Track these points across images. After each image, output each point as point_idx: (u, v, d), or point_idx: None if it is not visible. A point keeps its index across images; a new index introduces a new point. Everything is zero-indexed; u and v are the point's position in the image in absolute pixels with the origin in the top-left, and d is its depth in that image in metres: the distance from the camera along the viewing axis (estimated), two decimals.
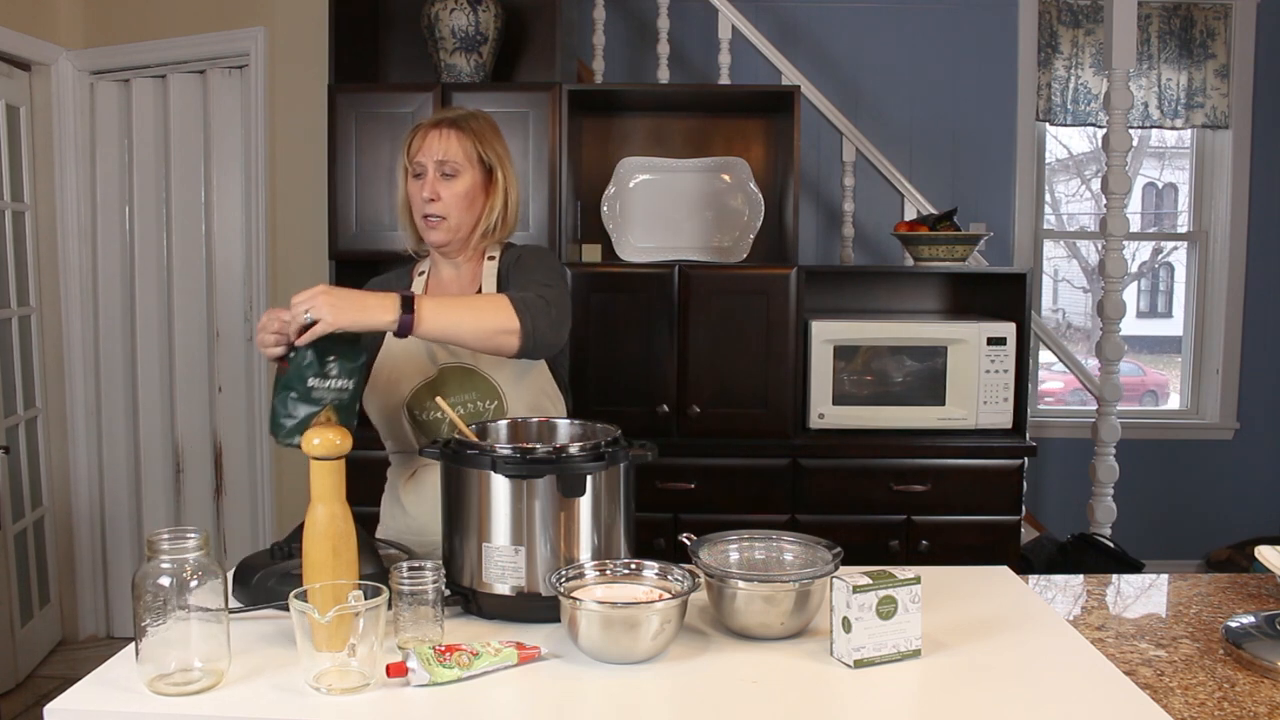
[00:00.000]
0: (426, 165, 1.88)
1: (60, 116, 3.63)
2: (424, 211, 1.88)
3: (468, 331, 1.67)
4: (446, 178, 1.88)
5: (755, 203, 3.44)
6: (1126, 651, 1.46)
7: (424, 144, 1.88)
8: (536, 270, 1.88)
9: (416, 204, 1.90)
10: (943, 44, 4.26)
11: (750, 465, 3.07)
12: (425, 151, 1.88)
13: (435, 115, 1.94)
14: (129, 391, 3.80)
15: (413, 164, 1.89)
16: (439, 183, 1.87)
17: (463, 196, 1.88)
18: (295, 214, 3.43)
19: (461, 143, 1.88)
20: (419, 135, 1.90)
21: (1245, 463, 4.48)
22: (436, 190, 1.87)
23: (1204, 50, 4.34)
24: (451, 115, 1.92)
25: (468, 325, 1.66)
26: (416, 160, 1.89)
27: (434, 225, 1.88)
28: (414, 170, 1.90)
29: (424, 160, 1.88)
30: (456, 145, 1.88)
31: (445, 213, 1.87)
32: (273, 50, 3.40)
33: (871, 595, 1.34)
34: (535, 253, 1.96)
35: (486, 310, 1.68)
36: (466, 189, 1.89)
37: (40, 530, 3.65)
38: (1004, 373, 3.10)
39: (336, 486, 1.39)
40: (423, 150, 1.88)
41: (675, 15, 3.58)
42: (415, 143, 1.90)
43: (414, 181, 1.90)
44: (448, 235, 1.89)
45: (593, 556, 1.51)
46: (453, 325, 1.65)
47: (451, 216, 1.88)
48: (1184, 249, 4.69)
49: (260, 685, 1.28)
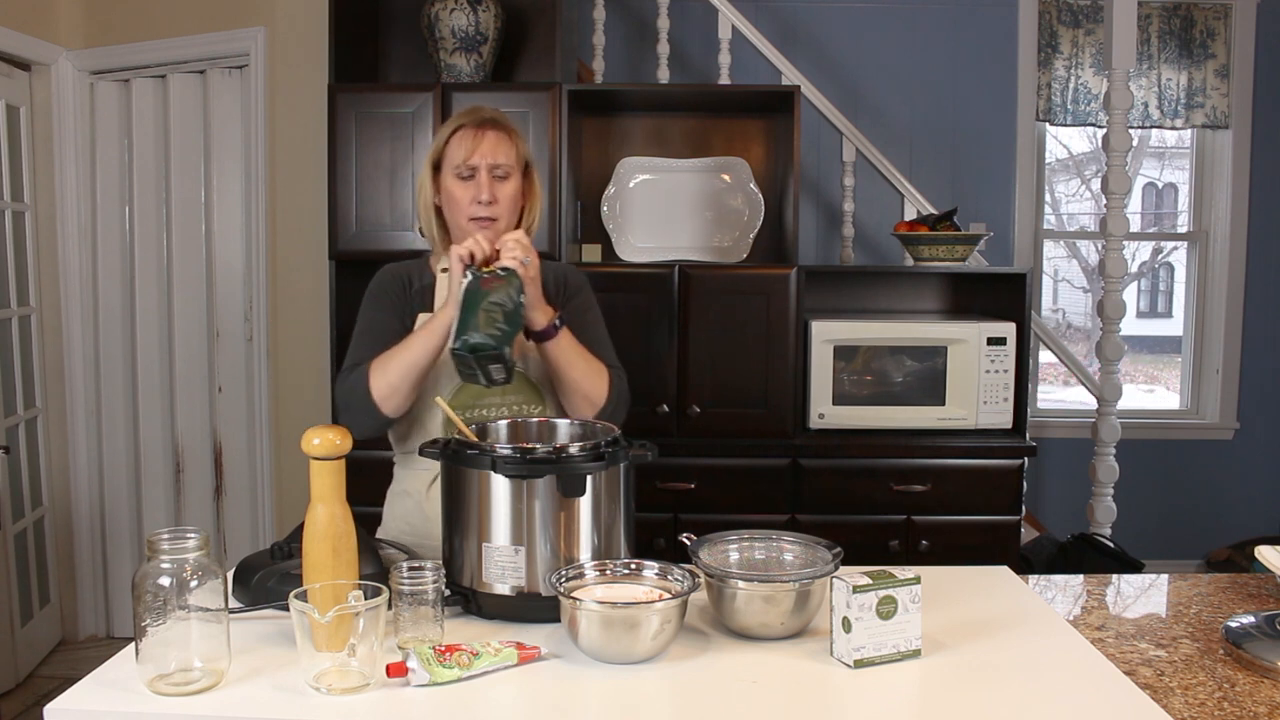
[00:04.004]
0: (479, 167, 1.86)
1: (60, 116, 3.63)
2: (477, 214, 1.86)
3: (572, 376, 1.82)
4: (498, 180, 1.87)
5: (755, 203, 3.44)
6: (1126, 651, 1.46)
7: (476, 146, 1.86)
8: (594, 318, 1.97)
9: (462, 206, 1.87)
10: (943, 44, 4.26)
11: (750, 465, 3.07)
12: (479, 154, 1.86)
13: (472, 115, 1.90)
14: (129, 391, 3.80)
15: (463, 166, 1.86)
16: (494, 185, 1.86)
17: (513, 199, 1.89)
18: (295, 214, 3.43)
19: (511, 144, 1.89)
20: (464, 136, 1.87)
21: (1245, 463, 4.48)
22: (493, 193, 1.86)
23: (1204, 50, 4.34)
24: (491, 115, 1.90)
25: (577, 372, 1.82)
26: (468, 163, 1.86)
27: (485, 227, 1.86)
28: (461, 173, 1.87)
29: (477, 162, 1.85)
30: (509, 147, 1.88)
31: (499, 215, 1.87)
32: (273, 50, 3.40)
33: (871, 595, 1.34)
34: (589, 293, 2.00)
35: (593, 372, 1.85)
36: (516, 190, 1.90)
37: (40, 530, 3.65)
38: (1004, 373, 3.10)
39: (336, 486, 1.39)
40: (476, 153, 1.86)
41: (675, 15, 3.58)
42: (462, 144, 1.87)
43: (459, 183, 1.87)
44: (496, 237, 1.86)
45: (593, 556, 1.51)
46: (568, 363, 1.81)
47: (502, 219, 1.88)
48: (1184, 249, 4.69)
49: (260, 685, 1.28)
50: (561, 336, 1.80)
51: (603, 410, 1.85)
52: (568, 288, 1.99)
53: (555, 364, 1.82)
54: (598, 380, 1.85)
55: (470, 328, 1.64)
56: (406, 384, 1.77)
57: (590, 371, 1.84)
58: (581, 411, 1.85)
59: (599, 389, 1.84)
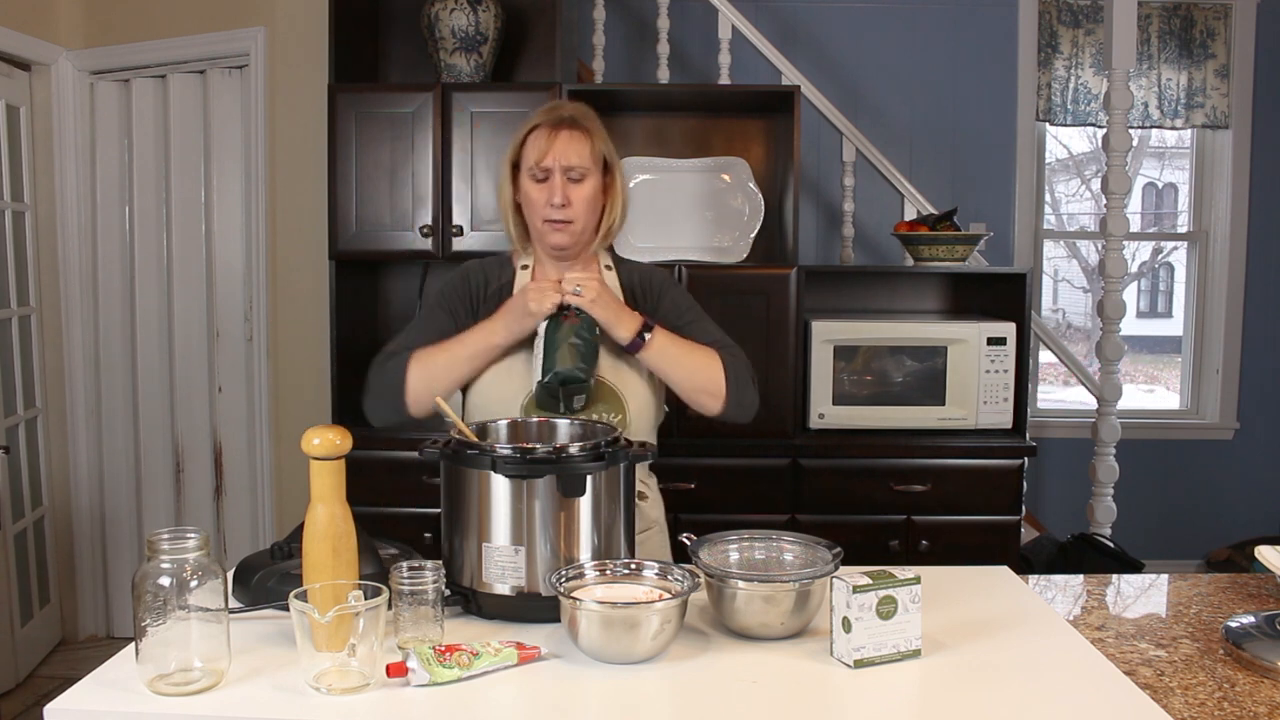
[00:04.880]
0: (553, 169, 1.83)
1: (60, 116, 3.63)
2: (551, 216, 1.84)
3: (680, 375, 1.81)
4: (573, 181, 1.84)
5: (755, 203, 3.44)
6: (1126, 651, 1.46)
7: (550, 147, 1.83)
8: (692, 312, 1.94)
9: (538, 208, 1.85)
10: (943, 44, 4.26)
11: (750, 465, 3.07)
12: (552, 155, 1.82)
13: (549, 114, 1.88)
14: (129, 391, 3.80)
15: (537, 168, 1.84)
16: (568, 187, 1.83)
17: (589, 200, 1.86)
18: (295, 214, 3.43)
19: (586, 144, 1.85)
20: (540, 137, 1.84)
21: (1245, 463, 4.48)
22: (567, 195, 1.83)
23: (1204, 50, 4.34)
24: (569, 114, 1.87)
25: (684, 370, 1.81)
26: (541, 165, 1.83)
27: (560, 229, 1.84)
28: (536, 174, 1.84)
29: (550, 164, 1.83)
30: (584, 147, 1.84)
31: (573, 217, 1.84)
32: (273, 50, 3.40)
33: (871, 595, 1.33)
34: (676, 288, 1.97)
35: (700, 364, 1.81)
36: (593, 192, 1.86)
37: (40, 530, 3.65)
38: (1004, 373, 3.11)
39: (336, 486, 1.38)
40: (550, 154, 1.82)
41: (675, 15, 3.58)
42: (536, 144, 1.84)
43: (534, 184, 1.85)
44: (572, 239, 1.86)
45: (593, 556, 1.51)
46: (672, 363, 1.80)
47: (578, 220, 1.85)
48: (1184, 249, 4.69)
49: (260, 685, 1.28)
50: (652, 343, 1.78)
51: (727, 397, 1.83)
52: (651, 291, 1.95)
53: (657, 370, 1.82)
54: (711, 371, 1.82)
55: (558, 361, 1.72)
56: (445, 392, 1.80)
57: (698, 365, 1.82)
58: (707, 406, 1.84)
59: (714, 379, 1.82)
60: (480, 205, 3.16)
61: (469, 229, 3.16)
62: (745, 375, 1.86)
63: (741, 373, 1.85)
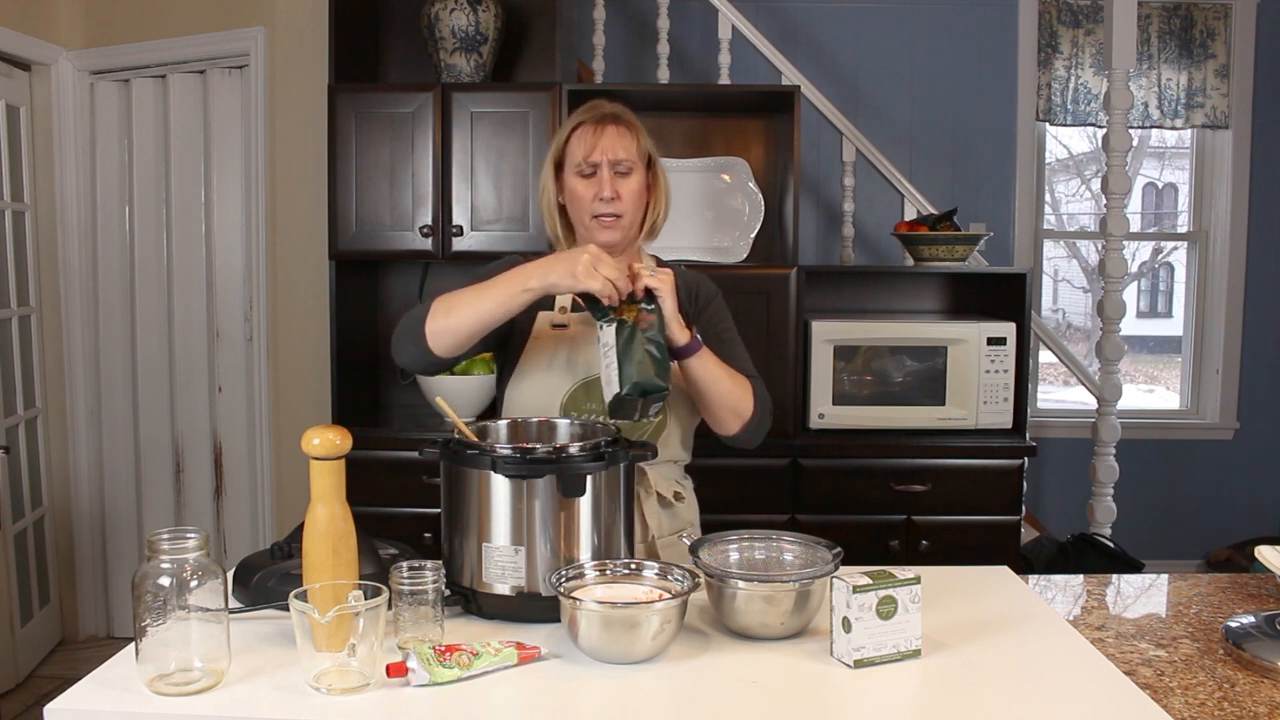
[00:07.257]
0: (600, 164, 1.84)
1: (60, 116, 3.63)
2: (599, 211, 1.84)
3: (717, 391, 1.81)
4: (620, 175, 1.85)
5: (755, 203, 3.44)
6: (1126, 651, 1.46)
7: (597, 142, 1.84)
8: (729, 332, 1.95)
9: (585, 203, 1.85)
10: (943, 44, 4.26)
11: (750, 465, 3.07)
12: (599, 150, 1.84)
13: (592, 111, 1.89)
14: (129, 391, 3.80)
15: (584, 164, 1.84)
16: (616, 181, 1.84)
17: (636, 195, 1.87)
18: (295, 214, 3.43)
19: (632, 139, 1.86)
20: (585, 133, 1.85)
21: (1245, 463, 4.48)
22: (616, 189, 1.84)
23: (1204, 50, 4.34)
24: (612, 110, 1.89)
25: (721, 387, 1.80)
26: (589, 160, 1.84)
27: (609, 225, 1.85)
28: (583, 170, 1.85)
29: (598, 159, 1.84)
30: (629, 142, 1.86)
31: (622, 210, 1.85)
32: (273, 50, 3.40)
33: (871, 595, 1.33)
34: (720, 302, 1.98)
35: (737, 386, 1.83)
36: (639, 186, 1.88)
37: (40, 530, 3.65)
38: (1004, 373, 3.11)
39: (336, 486, 1.38)
40: (597, 149, 1.84)
41: (675, 15, 3.58)
42: (582, 140, 1.85)
43: (581, 180, 1.85)
44: (621, 234, 1.86)
45: (593, 556, 1.51)
46: (712, 378, 1.79)
47: (627, 214, 1.86)
48: (1184, 249, 4.69)
49: (260, 685, 1.28)
50: (703, 352, 1.77)
51: (749, 422, 1.85)
52: (699, 298, 1.96)
53: (698, 380, 1.79)
54: (743, 394, 1.83)
55: (636, 372, 1.65)
56: (465, 330, 1.69)
57: (735, 386, 1.82)
58: (728, 425, 1.85)
59: (745, 402, 1.84)
60: (480, 205, 3.16)
61: (469, 229, 3.16)
62: (766, 407, 1.90)
63: (766, 404, 1.89)
